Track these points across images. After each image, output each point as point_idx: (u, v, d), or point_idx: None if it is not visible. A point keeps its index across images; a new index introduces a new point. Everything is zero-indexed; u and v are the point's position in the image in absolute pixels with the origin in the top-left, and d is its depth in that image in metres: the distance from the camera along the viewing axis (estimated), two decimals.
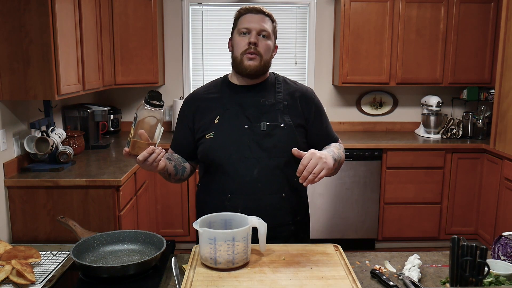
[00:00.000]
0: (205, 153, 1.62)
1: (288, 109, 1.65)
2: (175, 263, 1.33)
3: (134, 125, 1.37)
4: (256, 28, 1.59)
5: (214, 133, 1.60)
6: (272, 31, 1.65)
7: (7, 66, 2.40)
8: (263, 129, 1.59)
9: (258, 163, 1.58)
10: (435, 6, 3.89)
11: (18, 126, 2.69)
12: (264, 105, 1.62)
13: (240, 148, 1.58)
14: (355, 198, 3.82)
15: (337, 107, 4.38)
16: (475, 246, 1.21)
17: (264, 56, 1.60)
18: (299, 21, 4.25)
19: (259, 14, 1.61)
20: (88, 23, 2.96)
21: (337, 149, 1.65)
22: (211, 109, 1.65)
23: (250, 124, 1.60)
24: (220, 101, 1.65)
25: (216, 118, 1.62)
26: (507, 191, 3.39)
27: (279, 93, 1.67)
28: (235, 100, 1.64)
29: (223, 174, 1.60)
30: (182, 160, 1.70)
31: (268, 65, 1.64)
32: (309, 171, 1.41)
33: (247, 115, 1.61)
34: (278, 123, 1.60)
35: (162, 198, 3.75)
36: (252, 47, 1.58)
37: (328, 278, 1.26)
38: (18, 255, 1.40)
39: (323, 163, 1.42)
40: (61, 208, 2.53)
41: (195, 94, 1.74)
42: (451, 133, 4.00)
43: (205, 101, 1.68)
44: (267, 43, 1.61)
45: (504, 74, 3.42)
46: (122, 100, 4.28)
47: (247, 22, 1.60)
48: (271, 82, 1.70)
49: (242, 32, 1.60)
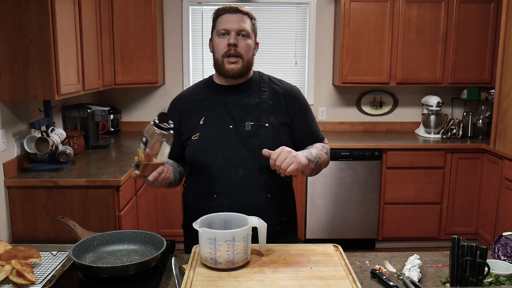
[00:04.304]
0: (191, 154, 1.64)
1: (273, 108, 1.64)
2: (175, 263, 1.33)
3: (144, 148, 1.36)
4: (235, 29, 1.57)
5: (199, 134, 1.61)
6: (251, 29, 1.63)
7: (7, 66, 2.40)
8: (248, 129, 1.59)
9: (243, 164, 1.58)
10: (435, 6, 3.89)
11: (18, 126, 2.69)
12: (249, 105, 1.62)
13: (225, 148, 1.59)
14: (355, 198, 3.82)
15: (337, 107, 4.38)
16: (475, 246, 1.21)
17: (245, 57, 1.60)
18: (299, 21, 4.25)
19: (237, 14, 1.59)
20: (88, 23, 2.96)
21: (318, 150, 1.64)
22: (197, 110, 1.65)
23: (234, 124, 1.60)
24: (205, 102, 1.65)
25: (202, 120, 1.63)
26: (507, 191, 3.39)
27: (264, 92, 1.66)
28: (219, 100, 1.64)
29: (209, 174, 1.61)
30: (176, 165, 1.71)
31: (250, 64, 1.64)
32: (279, 164, 1.43)
33: (232, 115, 1.61)
34: (262, 123, 1.61)
35: (162, 198, 3.75)
36: (232, 48, 1.57)
37: (328, 278, 1.26)
38: (18, 255, 1.40)
39: (292, 157, 1.44)
40: (61, 208, 2.53)
41: (181, 96, 1.75)
42: (451, 133, 4.00)
43: (191, 102, 1.68)
44: (247, 42, 1.60)
45: (504, 74, 3.42)
46: (122, 100, 4.28)
47: (225, 23, 1.58)
48: (256, 81, 1.69)
49: (221, 33, 1.59)
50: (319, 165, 1.63)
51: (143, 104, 4.31)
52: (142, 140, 1.37)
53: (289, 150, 1.45)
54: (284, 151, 1.44)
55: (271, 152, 1.46)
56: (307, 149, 1.65)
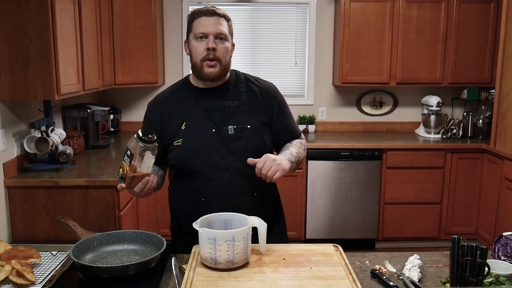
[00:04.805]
0: (176, 159, 1.63)
1: (253, 109, 1.65)
2: (175, 263, 1.33)
3: (129, 161, 1.37)
4: (213, 32, 1.56)
5: (182, 140, 1.61)
6: (229, 31, 1.63)
7: (7, 66, 2.40)
8: (231, 133, 1.60)
9: (228, 167, 1.60)
10: (435, 6, 3.89)
11: (18, 126, 2.69)
12: (229, 107, 1.62)
13: (209, 153, 1.59)
14: (355, 198, 3.82)
15: (337, 107, 4.38)
16: (475, 246, 1.21)
17: (223, 60, 1.59)
18: (299, 21, 4.25)
19: (214, 16, 1.58)
20: (88, 23, 2.96)
21: (297, 148, 1.69)
22: (177, 114, 1.64)
23: (217, 128, 1.60)
24: (185, 106, 1.64)
25: (183, 124, 1.62)
26: (507, 191, 3.39)
27: (242, 93, 1.67)
28: (200, 104, 1.63)
29: (195, 179, 1.61)
30: (157, 169, 1.70)
31: (228, 67, 1.64)
32: (264, 173, 1.48)
33: (213, 119, 1.61)
34: (244, 126, 1.62)
35: (162, 198, 3.75)
36: (211, 53, 1.56)
37: (328, 278, 1.26)
38: (18, 255, 1.40)
39: (277, 164, 1.49)
40: (61, 208, 2.53)
41: (158, 98, 1.72)
42: (451, 133, 4.00)
43: (170, 106, 1.66)
44: (225, 46, 1.59)
45: (504, 74, 3.42)
46: (122, 100, 4.27)
47: (203, 26, 1.57)
48: (233, 82, 1.69)
49: (198, 36, 1.58)
50: (299, 163, 1.68)
51: (143, 104, 4.31)
52: (126, 153, 1.38)
53: (273, 158, 1.49)
54: (269, 159, 1.48)
55: (255, 160, 1.50)
56: (286, 148, 1.69)
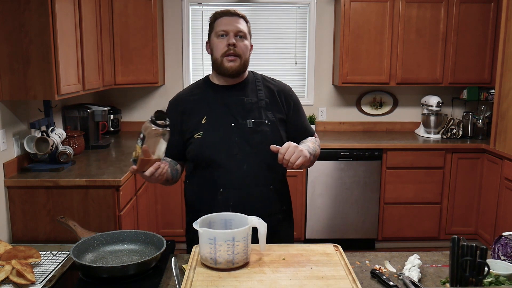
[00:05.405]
0: (195, 152, 1.69)
1: (270, 106, 1.74)
2: (175, 263, 1.33)
3: (141, 144, 1.41)
4: (233, 30, 1.67)
5: (202, 132, 1.67)
6: (248, 31, 1.73)
7: (7, 66, 2.40)
8: (250, 127, 1.67)
9: (246, 159, 1.66)
10: (435, 6, 3.89)
11: (18, 126, 2.69)
12: (248, 103, 1.71)
13: (229, 145, 1.66)
14: (355, 198, 3.82)
15: (337, 107, 4.38)
16: (475, 246, 1.21)
17: (243, 56, 1.68)
18: (299, 21, 4.25)
19: (234, 16, 1.70)
20: (88, 23, 2.96)
21: (313, 144, 1.77)
22: (197, 110, 1.72)
23: (236, 122, 1.68)
24: (205, 101, 1.72)
25: (203, 119, 1.69)
26: (507, 191, 3.39)
27: (260, 90, 1.75)
28: (219, 100, 1.71)
29: (214, 170, 1.67)
30: (174, 163, 1.75)
31: (247, 64, 1.72)
32: (287, 158, 1.52)
33: (233, 113, 1.69)
34: (262, 120, 1.69)
35: (162, 198, 3.75)
36: (231, 48, 1.66)
37: (328, 278, 1.26)
38: (18, 255, 1.40)
39: (300, 151, 1.54)
40: (61, 208, 2.53)
41: (179, 96, 1.80)
42: (451, 133, 4.00)
43: (190, 102, 1.74)
44: (244, 43, 1.69)
45: (504, 74, 3.42)
46: (122, 100, 4.28)
47: (224, 25, 1.68)
48: (251, 81, 1.78)
49: (220, 34, 1.68)
50: (314, 158, 1.75)
51: (143, 104, 4.31)
52: (139, 137, 1.42)
53: (295, 145, 1.54)
54: (292, 146, 1.53)
55: (278, 147, 1.54)
56: (303, 142, 1.76)
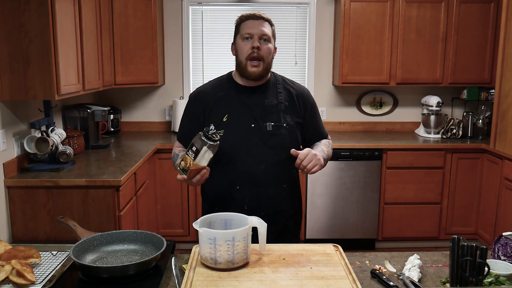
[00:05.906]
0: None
1: (289, 109, 1.82)
2: (175, 263, 1.33)
3: (194, 157, 1.52)
4: (257, 33, 1.74)
5: (224, 131, 1.74)
6: (272, 34, 1.80)
7: (7, 66, 2.40)
8: (269, 129, 1.76)
9: (264, 159, 1.75)
10: (435, 6, 3.89)
11: (18, 126, 2.69)
12: (269, 106, 1.79)
13: (248, 145, 1.74)
14: (355, 198, 3.82)
15: (337, 107, 4.38)
16: (475, 246, 1.21)
17: (266, 60, 1.75)
18: (299, 21, 4.25)
19: (259, 20, 1.76)
20: (88, 23, 2.96)
21: (326, 147, 1.88)
22: (219, 106, 1.79)
23: (256, 124, 1.76)
24: (227, 100, 1.80)
25: (225, 117, 1.77)
26: (507, 191, 3.39)
27: (280, 93, 1.83)
28: (241, 100, 1.79)
29: (232, 168, 1.76)
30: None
31: (269, 67, 1.80)
32: (305, 165, 1.64)
33: (254, 115, 1.77)
34: (281, 124, 1.78)
35: (162, 198, 3.75)
36: (255, 51, 1.72)
37: (328, 278, 1.26)
38: (18, 255, 1.40)
39: (317, 159, 1.66)
40: (61, 208, 2.53)
41: (202, 90, 1.87)
42: (451, 133, 4.00)
43: (213, 98, 1.81)
44: (268, 46, 1.76)
45: (504, 74, 3.42)
46: (122, 100, 4.27)
47: (249, 28, 1.75)
48: (272, 83, 1.85)
49: (245, 37, 1.75)
50: (326, 161, 1.84)
51: (143, 104, 4.31)
52: (191, 149, 1.53)
53: (314, 153, 1.66)
54: (311, 153, 1.65)
55: (298, 152, 1.66)
56: (317, 146, 1.86)
